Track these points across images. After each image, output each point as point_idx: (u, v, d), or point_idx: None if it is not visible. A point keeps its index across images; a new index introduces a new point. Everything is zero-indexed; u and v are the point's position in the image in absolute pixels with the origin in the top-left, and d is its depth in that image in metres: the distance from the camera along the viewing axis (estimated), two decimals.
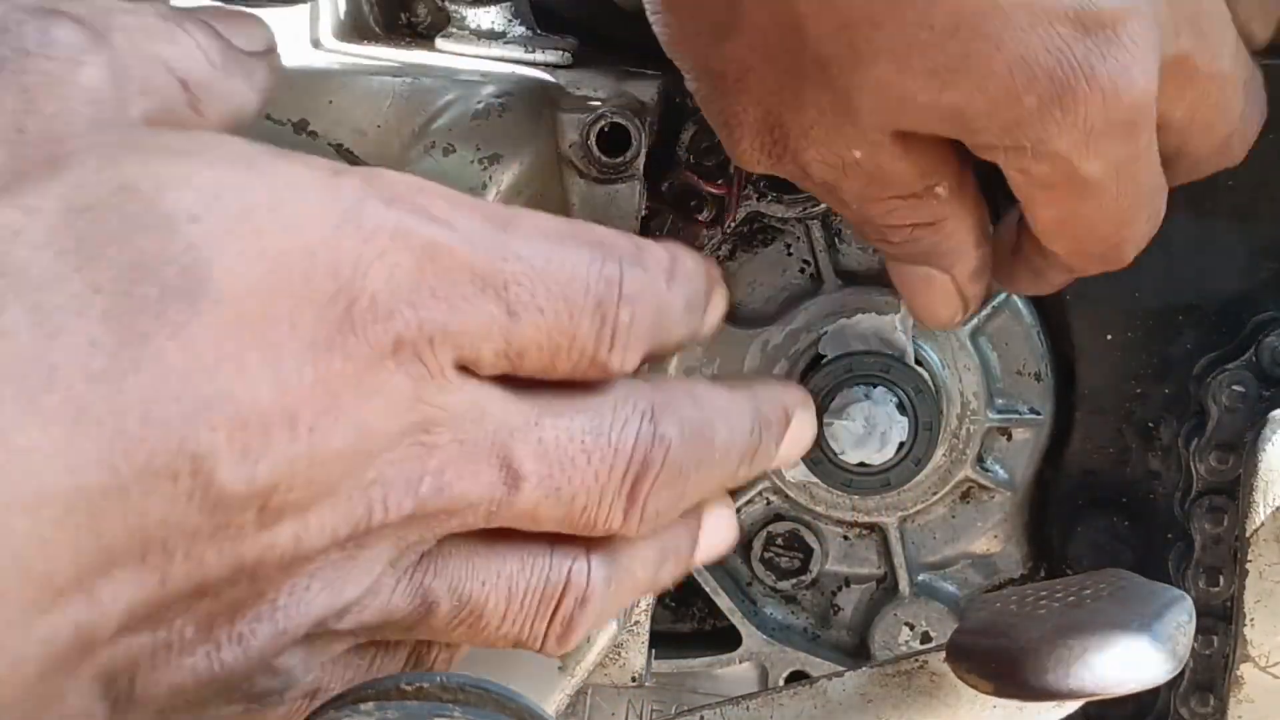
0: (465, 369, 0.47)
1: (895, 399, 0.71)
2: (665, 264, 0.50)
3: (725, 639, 0.78)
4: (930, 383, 0.72)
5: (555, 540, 0.50)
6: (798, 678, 0.78)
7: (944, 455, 0.75)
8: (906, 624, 0.77)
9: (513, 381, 0.48)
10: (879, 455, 0.70)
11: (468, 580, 0.49)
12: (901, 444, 0.72)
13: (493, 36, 0.69)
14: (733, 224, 0.71)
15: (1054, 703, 0.55)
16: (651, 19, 0.59)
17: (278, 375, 0.42)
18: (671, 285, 0.50)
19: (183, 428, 0.41)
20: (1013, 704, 0.58)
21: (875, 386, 0.71)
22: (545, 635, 0.50)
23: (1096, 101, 0.53)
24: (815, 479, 0.73)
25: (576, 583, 0.50)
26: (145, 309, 0.40)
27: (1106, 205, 0.57)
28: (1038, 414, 0.75)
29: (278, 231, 0.43)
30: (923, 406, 0.73)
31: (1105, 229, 0.59)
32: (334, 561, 0.46)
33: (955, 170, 0.59)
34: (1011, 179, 0.57)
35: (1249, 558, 0.62)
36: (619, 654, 0.74)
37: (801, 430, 0.57)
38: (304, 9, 0.70)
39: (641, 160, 0.64)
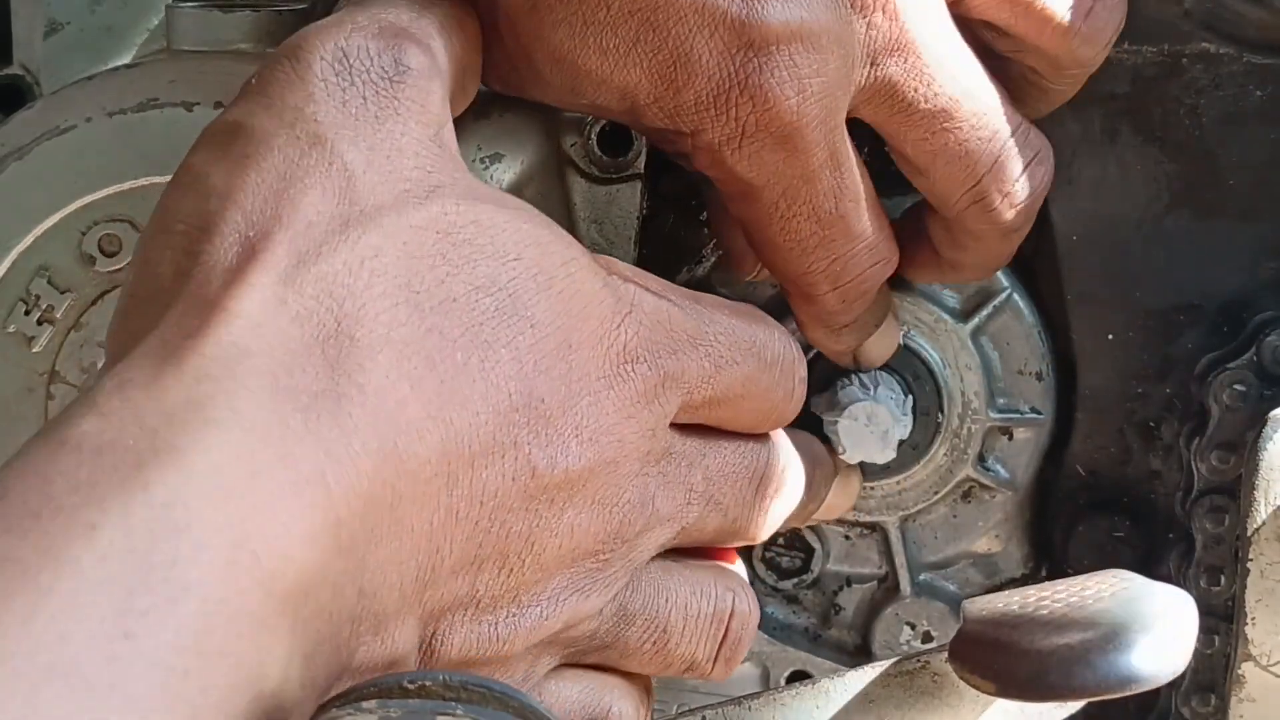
0: None
1: (894, 396, 0.71)
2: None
3: None
4: (927, 367, 0.72)
5: (717, 573, 0.61)
6: (799, 677, 0.78)
7: (945, 454, 0.75)
8: (908, 623, 0.77)
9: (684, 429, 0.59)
10: (881, 455, 0.70)
11: (655, 598, 0.58)
12: (902, 442, 0.72)
13: None
14: None
15: (1056, 703, 0.55)
16: None
17: (569, 390, 0.53)
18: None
19: (510, 416, 0.50)
20: (1014, 704, 0.58)
21: (878, 386, 0.71)
22: (716, 657, 0.60)
23: (747, 107, 0.57)
24: None
25: (740, 610, 0.60)
26: (486, 321, 0.50)
27: (767, 212, 0.61)
28: (1039, 413, 0.75)
29: (568, 280, 0.53)
30: (920, 392, 0.73)
31: (781, 242, 0.62)
32: (588, 570, 0.55)
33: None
34: (683, 165, 0.62)
35: (1250, 557, 0.62)
36: None
37: (848, 481, 0.72)
38: (306, 9, 0.70)
39: (642, 160, 0.64)
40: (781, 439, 0.64)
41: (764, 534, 0.63)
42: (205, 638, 0.40)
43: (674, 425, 0.58)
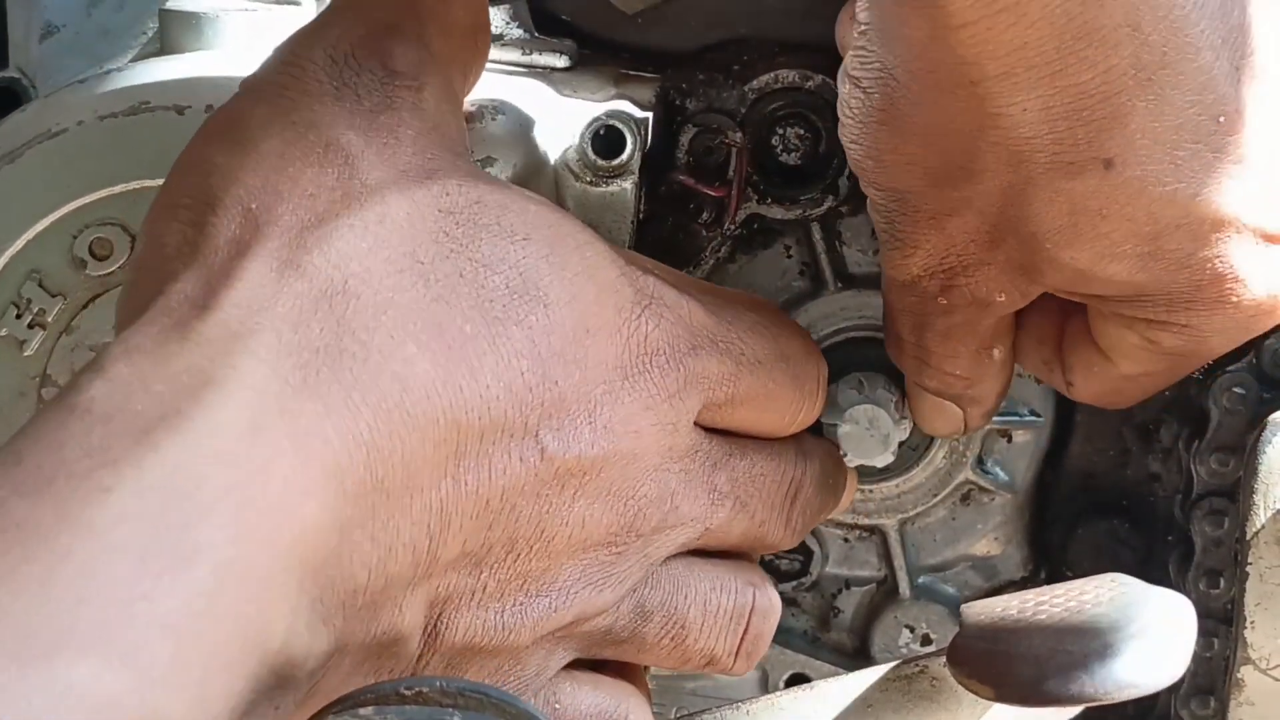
0: None
1: (893, 397, 0.71)
2: None
3: None
4: None
5: (739, 568, 0.60)
6: (798, 680, 0.77)
7: (944, 458, 0.75)
8: (907, 626, 0.77)
9: (711, 430, 0.58)
10: (881, 459, 0.70)
11: (674, 594, 0.58)
12: (902, 444, 0.72)
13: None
14: (732, 226, 0.71)
15: (1054, 708, 0.55)
16: (854, 150, 0.58)
17: (584, 377, 0.52)
18: None
19: (523, 395, 0.50)
20: (1013, 709, 0.58)
21: (876, 388, 0.70)
22: (737, 652, 0.60)
23: (1267, 306, 0.56)
24: None
25: (760, 605, 0.60)
26: (496, 298, 0.50)
27: (1179, 374, 0.60)
28: (1038, 416, 0.75)
29: (582, 264, 0.53)
30: None
31: (1153, 389, 0.61)
32: (600, 563, 0.54)
33: (1012, 340, 0.63)
34: (1125, 339, 0.59)
35: (1249, 560, 0.62)
36: None
37: (853, 482, 0.70)
38: (305, 9, 0.69)
39: (637, 163, 0.64)
40: (814, 446, 0.64)
41: (793, 540, 0.63)
42: (216, 599, 0.41)
43: (700, 425, 0.58)
